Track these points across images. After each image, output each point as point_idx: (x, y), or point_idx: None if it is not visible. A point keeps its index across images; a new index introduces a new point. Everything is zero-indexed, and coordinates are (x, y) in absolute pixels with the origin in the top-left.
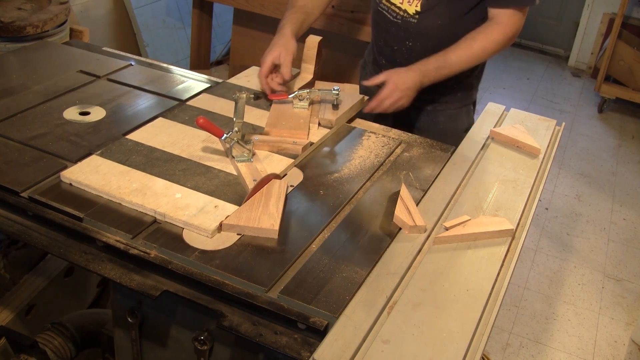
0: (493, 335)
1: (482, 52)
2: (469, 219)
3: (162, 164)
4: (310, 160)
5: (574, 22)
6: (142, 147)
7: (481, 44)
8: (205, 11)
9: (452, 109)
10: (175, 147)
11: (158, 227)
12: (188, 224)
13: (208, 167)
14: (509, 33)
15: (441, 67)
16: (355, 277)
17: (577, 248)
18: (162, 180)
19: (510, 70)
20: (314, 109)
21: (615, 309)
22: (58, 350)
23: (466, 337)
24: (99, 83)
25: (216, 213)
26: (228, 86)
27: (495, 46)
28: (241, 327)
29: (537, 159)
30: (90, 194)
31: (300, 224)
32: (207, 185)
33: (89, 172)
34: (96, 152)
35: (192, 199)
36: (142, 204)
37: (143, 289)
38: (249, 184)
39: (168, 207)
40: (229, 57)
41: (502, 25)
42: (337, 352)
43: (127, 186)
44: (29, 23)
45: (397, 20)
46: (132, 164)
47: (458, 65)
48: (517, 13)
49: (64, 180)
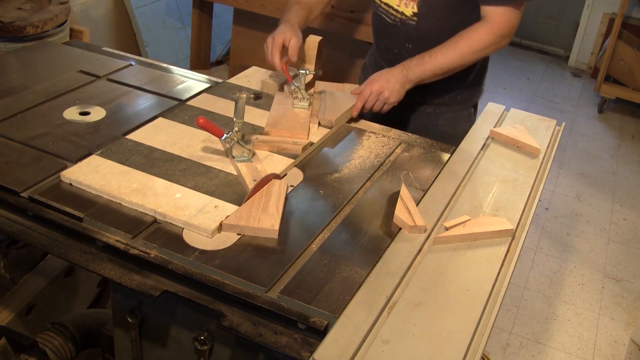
0: (493, 335)
1: (468, 50)
2: (469, 219)
3: (162, 164)
4: (310, 160)
5: (574, 22)
6: (142, 147)
7: (467, 42)
8: (205, 11)
9: (452, 112)
10: (176, 147)
11: (158, 227)
12: (188, 224)
13: (208, 167)
14: (500, 32)
15: (425, 62)
16: (355, 277)
17: (577, 248)
18: (162, 180)
19: (510, 70)
20: (314, 109)
21: (615, 309)
22: (58, 350)
23: (466, 337)
24: (99, 83)
25: (216, 213)
26: (228, 86)
27: (483, 45)
28: (241, 327)
29: (537, 159)
30: (90, 194)
31: (300, 224)
32: (207, 185)
33: (89, 172)
34: (96, 152)
35: (192, 199)
36: (142, 204)
37: (143, 289)
38: (249, 184)
39: (168, 207)
40: (229, 57)
41: (492, 25)
42: (337, 352)
43: (127, 186)
44: (29, 23)
45: (396, 23)
46: (132, 164)
47: (443, 63)
48: (509, 11)
49: (64, 180)
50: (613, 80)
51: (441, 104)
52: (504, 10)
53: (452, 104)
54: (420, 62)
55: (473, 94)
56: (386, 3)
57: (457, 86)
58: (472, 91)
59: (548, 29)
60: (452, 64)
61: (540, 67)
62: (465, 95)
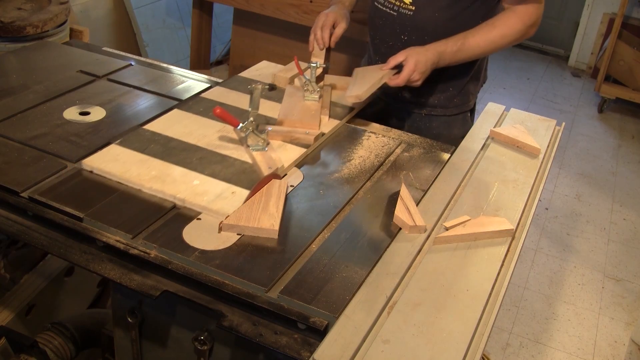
0: (493, 335)
1: (501, 40)
2: (469, 219)
3: (179, 152)
4: (311, 160)
5: (574, 22)
6: (159, 136)
7: (501, 30)
8: (205, 11)
9: (448, 115)
10: (191, 137)
11: (157, 228)
12: (207, 209)
13: (224, 156)
14: (528, 22)
15: (459, 50)
16: (355, 277)
17: (577, 248)
18: (180, 168)
19: (510, 70)
20: (324, 102)
21: (615, 309)
22: (58, 350)
23: (466, 337)
24: (99, 83)
25: (233, 199)
26: (240, 80)
27: (515, 34)
28: (241, 327)
29: (537, 159)
30: (90, 193)
31: (300, 224)
32: (224, 172)
33: (109, 160)
34: (115, 141)
35: (210, 185)
36: (162, 190)
37: (143, 289)
38: (264, 172)
39: (187, 193)
40: (229, 57)
41: (521, 15)
42: (337, 352)
43: (147, 173)
44: (29, 23)
45: (392, 13)
46: (151, 152)
47: (475, 51)
48: (534, 5)
49: (85, 168)
50: (613, 80)
51: (438, 107)
52: (529, 5)
53: (449, 107)
54: (455, 52)
55: (470, 97)
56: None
57: (454, 87)
58: (469, 94)
59: (548, 29)
60: (482, 54)
61: (540, 67)
62: (462, 99)
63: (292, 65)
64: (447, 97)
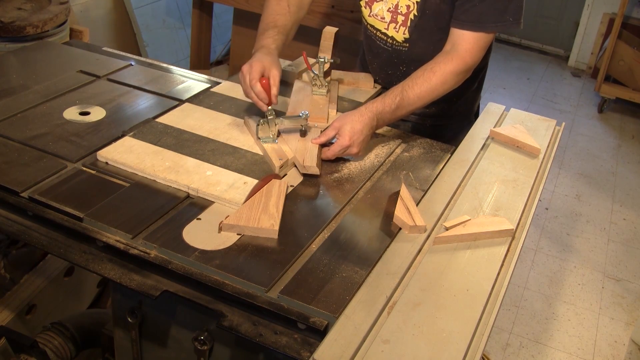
0: (493, 335)
1: (442, 86)
2: (469, 219)
3: (191, 144)
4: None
5: (574, 22)
6: (171, 129)
7: (441, 77)
8: (205, 11)
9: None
10: (203, 129)
11: (157, 228)
12: (220, 199)
13: (235, 148)
14: (472, 61)
15: (398, 107)
16: (355, 277)
17: (577, 248)
18: (193, 159)
19: (510, 70)
20: (332, 96)
21: (615, 309)
22: (58, 350)
23: (466, 337)
24: (99, 83)
25: (245, 189)
26: None
27: (456, 78)
28: (241, 327)
29: (537, 159)
30: (90, 193)
31: (300, 224)
32: (236, 164)
33: (123, 151)
34: (129, 133)
35: (223, 176)
36: (176, 180)
37: (143, 289)
38: (275, 163)
39: (200, 183)
40: (229, 57)
41: (462, 53)
42: (337, 352)
43: (161, 164)
44: (29, 23)
45: (387, 48)
46: (164, 144)
47: (416, 103)
48: (481, 37)
49: (101, 160)
50: (613, 80)
51: (444, 116)
52: (476, 36)
53: (455, 116)
54: (393, 110)
55: (474, 103)
56: (372, 25)
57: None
58: (474, 101)
59: (548, 29)
60: (424, 104)
61: (540, 67)
62: (467, 107)
63: (300, 60)
64: (451, 107)
